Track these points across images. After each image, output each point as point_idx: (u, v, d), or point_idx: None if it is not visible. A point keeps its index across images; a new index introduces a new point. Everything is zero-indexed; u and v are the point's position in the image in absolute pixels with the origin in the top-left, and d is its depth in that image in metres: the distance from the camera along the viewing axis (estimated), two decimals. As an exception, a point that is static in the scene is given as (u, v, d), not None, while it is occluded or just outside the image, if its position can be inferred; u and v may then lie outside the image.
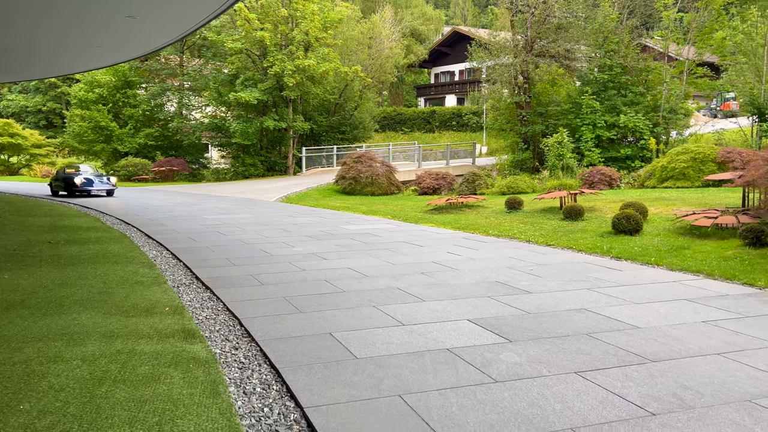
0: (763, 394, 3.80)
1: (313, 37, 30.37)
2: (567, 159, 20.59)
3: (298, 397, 3.81)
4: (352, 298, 6.39)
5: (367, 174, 22.22)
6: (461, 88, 49.96)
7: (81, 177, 21.43)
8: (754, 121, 21.04)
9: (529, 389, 3.91)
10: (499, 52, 26.11)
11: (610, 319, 5.51)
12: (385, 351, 4.65)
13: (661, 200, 13.34)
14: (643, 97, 23.47)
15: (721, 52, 25.10)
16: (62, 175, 22.48)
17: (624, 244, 9.58)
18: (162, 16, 11.06)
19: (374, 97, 42.32)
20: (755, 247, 8.48)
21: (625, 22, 24.63)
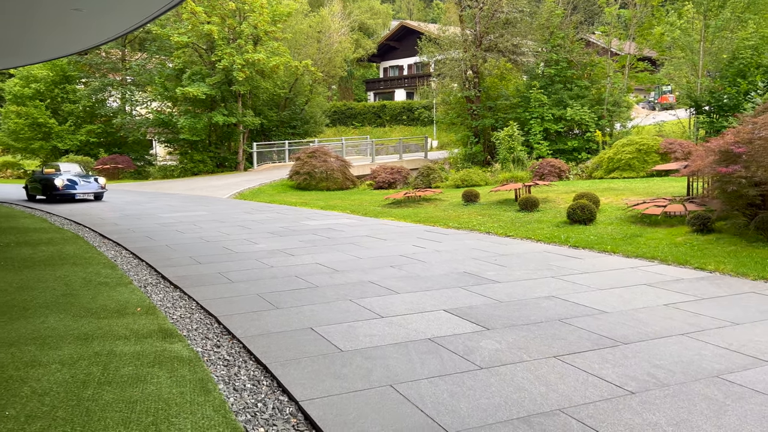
0: (729, 369, 4.08)
1: (262, 30, 29.95)
2: (517, 152, 21.08)
3: (291, 391, 3.84)
4: (327, 292, 6.43)
5: (322, 169, 22.15)
6: (411, 82, 50.27)
7: (62, 178, 17.98)
8: (692, 113, 22.05)
9: (513, 374, 4.07)
10: (448, 46, 26.43)
11: (579, 305, 5.75)
12: (369, 343, 4.73)
13: (610, 190, 13.87)
14: (588, 91, 24.25)
15: (659, 47, 26.16)
16: (39, 176, 18.89)
17: (580, 233, 9.94)
18: (110, 10, 10.73)
19: (324, 91, 42.10)
20: (702, 234, 8.97)
21: (569, 18, 25.34)
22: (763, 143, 7.82)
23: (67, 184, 17.96)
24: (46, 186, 18.01)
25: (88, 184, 18.48)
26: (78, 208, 16.35)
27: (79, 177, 18.63)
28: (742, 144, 8.12)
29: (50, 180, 17.98)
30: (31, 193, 19.20)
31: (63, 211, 15.52)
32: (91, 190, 18.32)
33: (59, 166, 19.47)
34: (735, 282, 6.60)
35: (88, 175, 19.29)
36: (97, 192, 18.42)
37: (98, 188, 18.47)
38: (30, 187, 19.29)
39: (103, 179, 19.05)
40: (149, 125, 33.52)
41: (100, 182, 18.71)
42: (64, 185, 17.85)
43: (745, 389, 3.74)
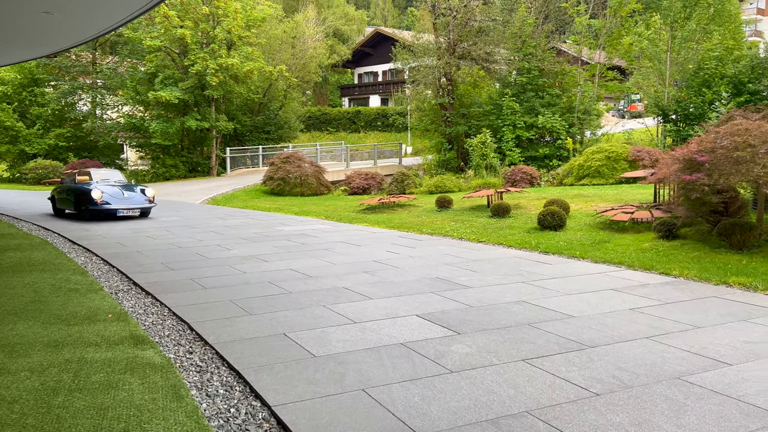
0: (690, 371, 4.22)
1: (236, 35, 29.82)
2: (490, 159, 21.34)
3: (264, 397, 3.87)
4: (300, 298, 6.46)
5: (296, 174, 22.12)
6: (385, 88, 50.51)
7: (100, 189, 14.13)
8: (659, 121, 22.60)
9: (483, 377, 4.15)
10: (422, 53, 26.65)
11: (547, 310, 5.88)
12: (342, 348, 4.78)
13: (580, 197, 14.14)
14: (559, 99, 24.68)
15: (628, 57, 26.75)
16: (70, 185, 15.05)
17: (550, 239, 10.12)
18: (81, 13, 10.62)
19: (299, 96, 42.04)
20: (668, 239, 9.22)
21: (541, 27, 25.78)
22: (725, 152, 8.09)
23: (106, 196, 14.12)
24: (79, 198, 14.21)
25: (133, 196, 14.63)
26: (48, 212, 16.05)
27: (122, 188, 14.81)
28: (705, 153, 8.38)
29: (85, 191, 14.09)
30: (60, 206, 15.39)
31: (32, 215, 15.23)
32: (136, 205, 14.45)
33: (89, 172, 15.71)
34: (698, 287, 6.81)
35: (132, 185, 15.51)
36: (144, 207, 14.56)
37: (145, 202, 14.61)
38: (58, 199, 15.42)
39: (151, 190, 15.05)
40: (120, 129, 33.06)
41: (147, 194, 14.78)
42: (102, 198, 13.95)
43: (705, 390, 3.88)
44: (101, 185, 14.55)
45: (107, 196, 14.13)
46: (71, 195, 14.61)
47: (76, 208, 14.44)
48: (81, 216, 14.36)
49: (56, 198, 15.54)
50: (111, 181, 15.28)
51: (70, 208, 14.86)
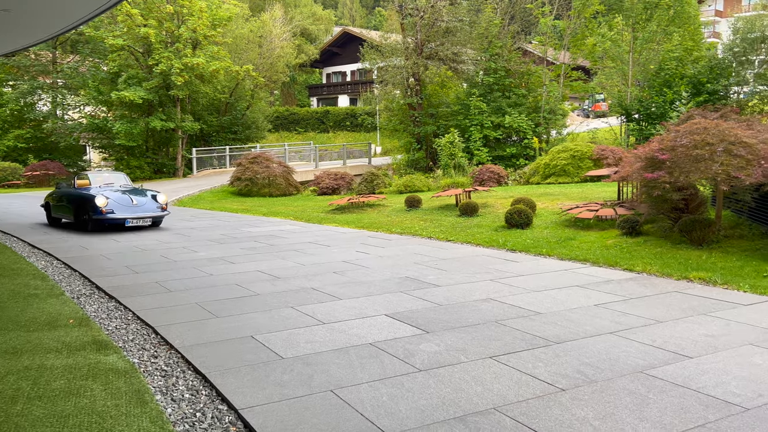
0: (652, 365, 4.32)
1: (201, 34, 29.42)
2: (458, 158, 21.49)
3: (230, 400, 3.82)
4: (268, 300, 6.40)
5: (264, 175, 21.93)
6: (354, 88, 50.44)
7: (105, 195, 12.20)
8: (622, 120, 23.07)
9: (451, 375, 4.18)
10: (390, 53, 26.71)
11: (515, 307, 5.95)
12: (311, 349, 4.75)
13: (546, 195, 14.34)
14: (525, 99, 24.99)
15: (592, 57, 27.23)
16: (68, 191, 13.19)
17: (517, 237, 10.24)
18: (40, 12, 10.34)
19: (266, 96, 41.70)
20: (632, 236, 9.41)
21: (507, 28, 26.07)
22: (685, 150, 8.29)
23: (113, 203, 12.14)
24: (80, 206, 12.27)
25: (144, 203, 12.65)
26: (6, 216, 15.58)
27: (130, 193, 12.83)
28: (666, 151, 8.58)
29: (87, 198, 12.14)
30: (55, 215, 13.49)
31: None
32: (147, 213, 12.51)
33: (87, 176, 13.82)
34: (660, 282, 6.97)
35: (141, 190, 13.49)
36: (156, 216, 12.68)
37: (157, 210, 12.71)
38: (53, 207, 13.49)
39: (164, 196, 13.11)
40: (82, 130, 32.32)
41: (159, 200, 12.83)
42: (108, 206, 11.99)
43: (666, 383, 3.97)
44: (105, 190, 12.61)
45: (113, 204, 12.11)
46: (69, 202, 12.68)
47: (76, 218, 12.45)
48: (81, 226, 12.36)
49: (51, 205, 13.63)
50: (116, 186, 13.29)
51: (69, 217, 12.84)
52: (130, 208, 12.38)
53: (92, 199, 11.95)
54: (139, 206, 12.52)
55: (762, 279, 6.76)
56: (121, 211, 12.19)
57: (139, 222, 12.42)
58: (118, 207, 12.22)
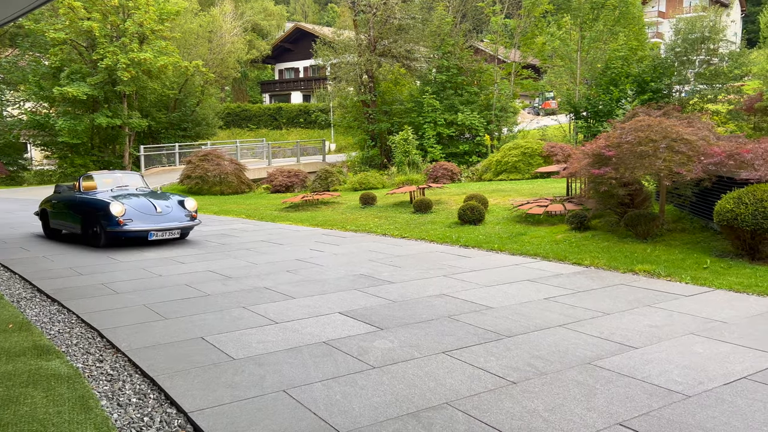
0: (599, 356, 4.43)
1: (148, 29, 28.59)
2: (412, 155, 21.60)
3: (179, 403, 3.73)
4: (219, 300, 6.28)
5: (216, 172, 21.53)
6: (307, 85, 50.05)
7: (121, 202, 9.85)
8: (571, 118, 23.63)
9: (404, 372, 4.18)
10: (343, 50, 26.61)
11: (467, 302, 6.01)
12: (263, 350, 4.68)
13: (498, 192, 14.56)
14: (477, 97, 25.31)
15: (541, 56, 27.82)
16: (72, 195, 10.87)
17: (470, 233, 10.36)
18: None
19: (217, 92, 40.95)
20: (580, 231, 9.65)
21: (459, 26, 26.34)
22: (630, 147, 8.54)
23: (131, 212, 9.78)
24: (89, 215, 10.00)
25: (169, 210, 10.25)
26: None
27: (150, 198, 10.40)
28: (612, 148, 8.82)
29: (98, 205, 9.83)
30: (55, 225, 11.13)
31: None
32: (174, 223, 10.11)
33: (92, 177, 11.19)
34: (607, 275, 7.16)
35: (163, 194, 11.00)
36: (185, 226, 10.29)
37: (185, 218, 10.32)
38: (52, 214, 11.14)
39: (193, 201, 10.70)
40: (23, 127, 31.01)
41: (187, 207, 10.49)
42: (126, 215, 9.65)
43: (613, 373, 4.08)
44: (119, 194, 10.39)
45: (132, 212, 9.77)
46: (74, 210, 10.39)
47: (84, 230, 10.10)
48: (91, 241, 10.02)
49: (49, 213, 11.19)
50: (131, 189, 10.91)
51: (73, 228, 10.54)
52: (154, 217, 9.95)
53: (106, 207, 9.57)
54: (164, 214, 10.07)
55: (702, 271, 7.03)
56: (142, 221, 9.77)
57: (166, 234, 9.94)
58: (139, 216, 9.81)
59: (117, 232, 9.57)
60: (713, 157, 8.05)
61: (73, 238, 10.97)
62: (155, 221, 9.95)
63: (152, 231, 9.83)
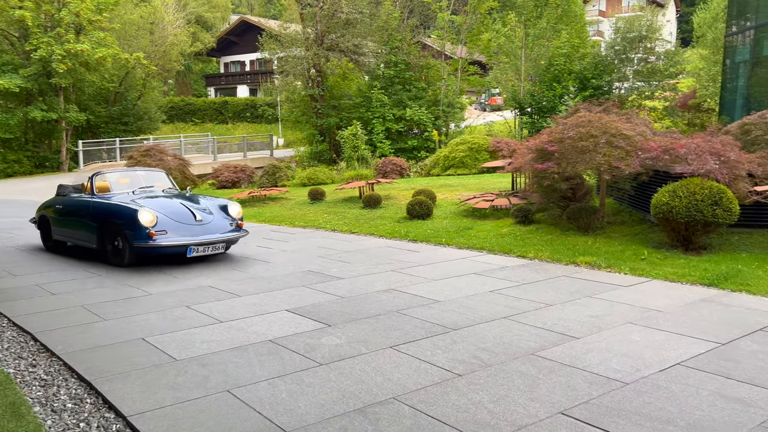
0: (542, 347, 4.53)
1: (85, 19, 27.51)
2: (362, 150, 21.57)
3: (118, 407, 3.60)
4: (162, 300, 6.11)
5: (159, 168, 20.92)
6: (253, 78, 49.25)
7: (149, 209, 7.67)
8: (516, 114, 24.09)
9: (352, 368, 4.17)
10: (290, 44, 26.31)
11: (415, 296, 6.04)
12: (207, 350, 4.57)
13: (446, 186, 14.70)
14: (425, 92, 25.49)
15: (487, 53, 28.22)
16: (83, 200, 8.65)
17: (419, 228, 10.42)
18: None
19: (160, 86, 39.81)
20: (524, 225, 9.85)
21: (406, 21, 26.44)
22: (572, 142, 8.76)
23: (164, 220, 7.70)
24: (110, 226, 7.91)
25: (210, 218, 8.14)
26: None
27: (184, 202, 8.31)
28: (555, 143, 9.03)
29: (122, 212, 7.77)
30: (59, 235, 9.03)
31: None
32: (219, 234, 8.00)
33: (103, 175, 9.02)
34: (551, 267, 7.34)
35: (195, 196, 8.90)
36: (231, 237, 8.21)
37: (231, 228, 8.25)
38: (54, 222, 9.07)
39: (237, 206, 8.67)
40: (-51, 121, 29.36)
41: (231, 213, 8.48)
42: (158, 226, 7.58)
43: (555, 363, 4.18)
44: (143, 198, 8.31)
45: (166, 221, 7.68)
46: (89, 218, 8.19)
47: (102, 243, 8.04)
48: (111, 258, 7.95)
49: (51, 220, 9.13)
50: (155, 190, 8.89)
51: (86, 242, 8.34)
52: (192, 228, 7.83)
53: (133, 215, 7.49)
54: (205, 224, 7.96)
55: (640, 262, 7.29)
56: (178, 232, 7.67)
57: (208, 250, 7.88)
58: (174, 226, 7.71)
59: (147, 247, 7.47)
60: (650, 152, 8.34)
61: (82, 253, 8.79)
62: (195, 232, 7.79)
63: (191, 246, 7.66)
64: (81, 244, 8.54)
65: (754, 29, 16.77)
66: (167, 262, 7.92)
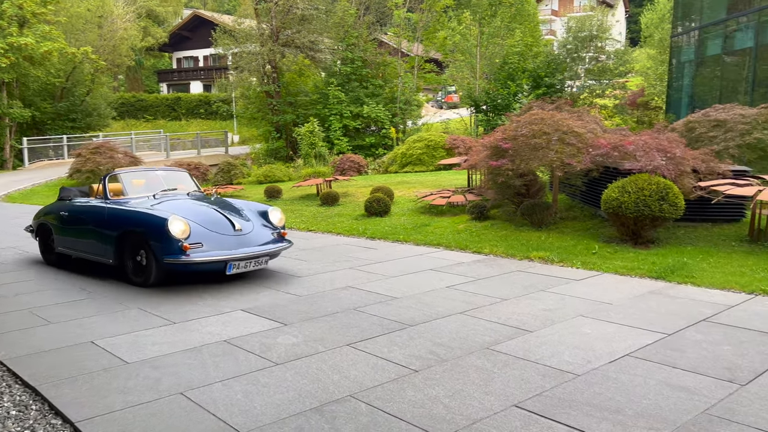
0: (497, 341, 4.59)
1: (29, 11, 26.44)
2: (319, 147, 21.46)
3: (65, 413, 3.48)
4: (112, 302, 5.93)
5: (109, 166, 20.28)
6: (207, 74, 48.33)
7: (180, 218, 6.28)
8: (472, 111, 24.37)
9: (308, 367, 4.14)
10: (245, 39, 25.94)
11: (373, 293, 6.04)
12: (159, 351, 4.47)
13: (403, 184, 14.76)
14: (382, 90, 25.53)
15: (443, 50, 28.46)
16: (94, 206, 7.28)
17: (376, 225, 10.43)
18: None
19: (109, 81, 38.69)
20: (480, 221, 9.97)
21: (362, 18, 26.40)
22: (525, 139, 8.91)
23: (198, 230, 6.45)
24: (132, 237, 6.62)
25: (249, 227, 6.87)
26: None
27: (217, 208, 7.01)
28: (509, 140, 9.17)
29: (151, 223, 6.40)
30: (64, 248, 7.60)
31: None
32: (261, 248, 6.69)
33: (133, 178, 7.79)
34: (505, 262, 7.45)
35: (225, 200, 7.68)
36: (276, 250, 6.87)
37: (273, 238, 6.96)
38: (58, 230, 7.70)
39: (279, 212, 7.34)
40: None
41: (272, 219, 7.21)
42: (191, 238, 6.29)
43: (509, 357, 4.25)
44: (169, 204, 6.97)
45: (200, 231, 6.43)
46: (105, 227, 6.89)
47: (120, 258, 6.75)
48: (132, 275, 6.67)
49: (54, 229, 7.77)
50: (180, 194, 7.64)
51: (99, 256, 6.99)
52: (232, 239, 6.56)
53: (162, 225, 6.19)
54: (245, 234, 6.70)
55: (591, 256, 7.47)
56: (215, 244, 6.40)
57: (251, 265, 6.58)
58: (211, 238, 6.44)
59: (179, 264, 6.17)
60: (600, 148, 8.56)
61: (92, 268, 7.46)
62: (234, 245, 6.50)
63: (231, 261, 6.37)
64: (93, 258, 7.16)
65: (699, 30, 17.40)
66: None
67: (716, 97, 15.20)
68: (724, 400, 3.51)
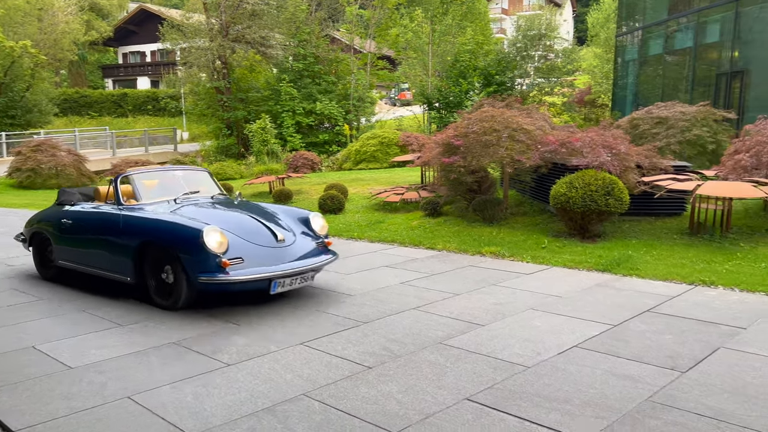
0: (449, 336, 4.64)
1: (-37, 2, 25.24)
2: (271, 145, 21.21)
3: (5, 422, 3.34)
4: (56, 304, 5.72)
5: (51, 164, 19.60)
6: (155, 70, 47.06)
7: (216, 229, 5.22)
8: (425, 109, 24.53)
9: (260, 367, 4.09)
10: (193, 34, 25.41)
11: (327, 291, 6.01)
12: (105, 355, 4.34)
13: (358, 181, 14.74)
14: (335, 86, 25.41)
15: (396, 47, 28.52)
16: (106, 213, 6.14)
17: (331, 222, 10.36)
18: None
19: (51, 77, 37.24)
20: (433, 217, 10.05)
21: (314, 14, 26.20)
22: (476, 137, 9.02)
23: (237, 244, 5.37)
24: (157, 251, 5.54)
25: (292, 239, 5.77)
26: None
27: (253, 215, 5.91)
28: (460, 137, 9.26)
29: (182, 234, 5.31)
30: (67, 261, 6.53)
31: None
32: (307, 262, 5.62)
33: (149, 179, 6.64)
34: (458, 258, 7.53)
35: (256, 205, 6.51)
36: (322, 263, 5.80)
37: (317, 248, 5.93)
38: (59, 240, 6.60)
39: (321, 219, 6.28)
40: None
41: (316, 227, 6.14)
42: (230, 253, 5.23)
43: (462, 351, 4.30)
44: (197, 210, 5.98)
45: (240, 244, 5.42)
46: (120, 238, 5.83)
47: (139, 276, 5.70)
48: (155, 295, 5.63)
49: (53, 238, 6.73)
50: (203, 199, 6.47)
51: (114, 272, 5.92)
52: (275, 252, 5.54)
53: (195, 236, 5.18)
54: (288, 246, 5.69)
55: (541, 250, 7.63)
56: (257, 259, 5.39)
57: (296, 282, 5.60)
58: (252, 251, 5.44)
59: (217, 283, 5.16)
60: (549, 145, 8.74)
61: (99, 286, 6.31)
62: (277, 258, 5.49)
63: (276, 278, 5.34)
64: (105, 275, 6.07)
65: (642, 30, 17.99)
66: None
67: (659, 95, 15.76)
68: (666, 387, 3.64)
